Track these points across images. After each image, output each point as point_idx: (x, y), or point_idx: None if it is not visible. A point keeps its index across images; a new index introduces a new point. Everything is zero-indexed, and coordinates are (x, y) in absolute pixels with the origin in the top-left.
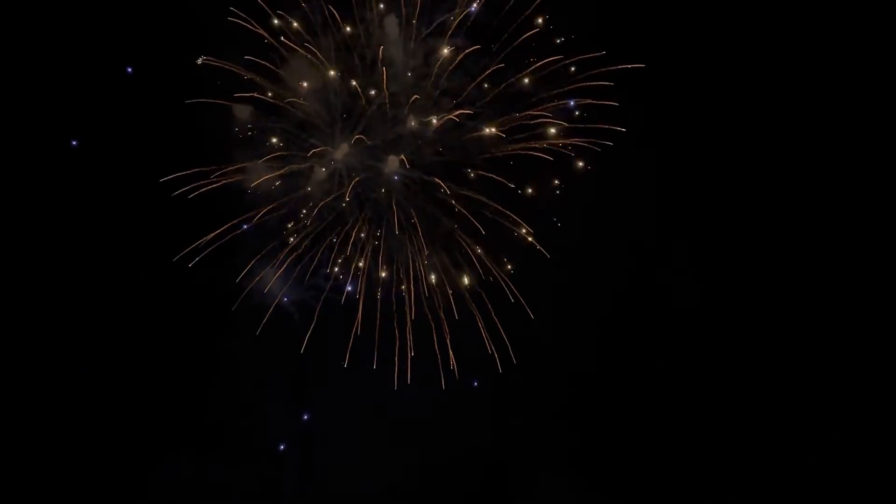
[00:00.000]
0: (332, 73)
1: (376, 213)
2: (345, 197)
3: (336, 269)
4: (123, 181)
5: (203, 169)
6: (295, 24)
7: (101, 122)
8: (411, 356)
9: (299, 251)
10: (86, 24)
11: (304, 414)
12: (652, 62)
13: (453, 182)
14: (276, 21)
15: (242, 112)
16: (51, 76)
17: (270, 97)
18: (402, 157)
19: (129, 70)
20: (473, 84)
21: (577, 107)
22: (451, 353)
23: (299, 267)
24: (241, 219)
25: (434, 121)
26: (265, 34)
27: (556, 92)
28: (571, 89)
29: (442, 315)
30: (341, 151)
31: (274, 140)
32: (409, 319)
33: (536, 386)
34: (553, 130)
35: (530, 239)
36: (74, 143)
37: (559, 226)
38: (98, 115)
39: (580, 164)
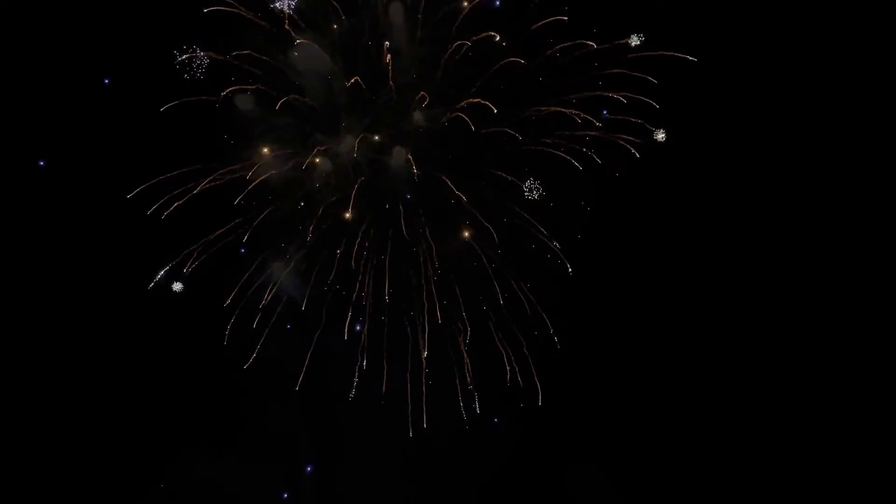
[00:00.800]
0: (335, 63)
1: (382, 216)
2: (348, 209)
3: (339, 287)
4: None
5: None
6: (295, 15)
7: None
8: (427, 383)
9: (303, 252)
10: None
11: (307, 466)
12: (705, 55)
13: (464, 182)
14: (275, 9)
15: (245, 103)
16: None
17: (271, 90)
18: (409, 156)
19: (106, 81)
20: (487, 75)
21: (610, 115)
22: (470, 381)
23: (304, 265)
24: (240, 219)
25: (442, 115)
26: (265, 24)
27: (585, 78)
28: (602, 83)
29: (463, 349)
30: (346, 145)
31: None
32: (423, 350)
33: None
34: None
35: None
36: (41, 163)
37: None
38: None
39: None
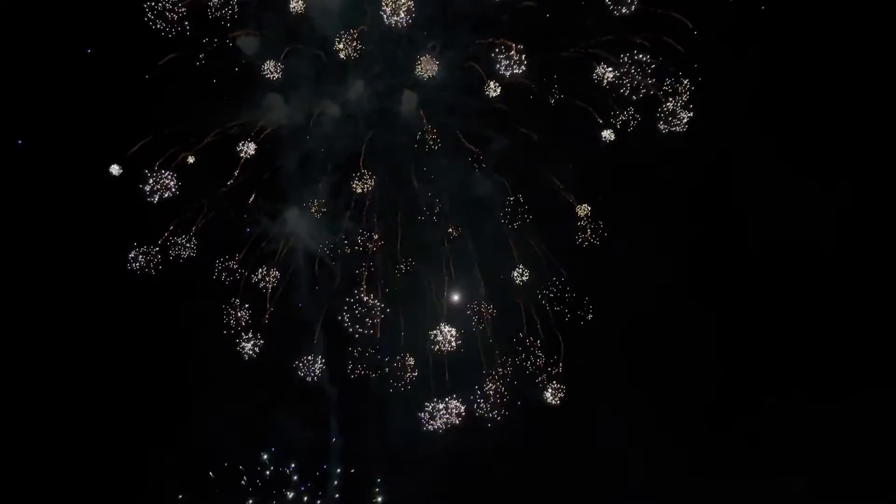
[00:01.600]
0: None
1: (394, 169)
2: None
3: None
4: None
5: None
6: None
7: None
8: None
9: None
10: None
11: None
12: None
13: (474, 132)
14: None
15: (248, 46)
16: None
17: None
18: (421, 112)
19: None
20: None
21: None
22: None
23: (316, 217)
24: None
25: (452, 60)
26: None
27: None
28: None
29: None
30: (354, 92)
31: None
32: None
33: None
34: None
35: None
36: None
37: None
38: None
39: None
